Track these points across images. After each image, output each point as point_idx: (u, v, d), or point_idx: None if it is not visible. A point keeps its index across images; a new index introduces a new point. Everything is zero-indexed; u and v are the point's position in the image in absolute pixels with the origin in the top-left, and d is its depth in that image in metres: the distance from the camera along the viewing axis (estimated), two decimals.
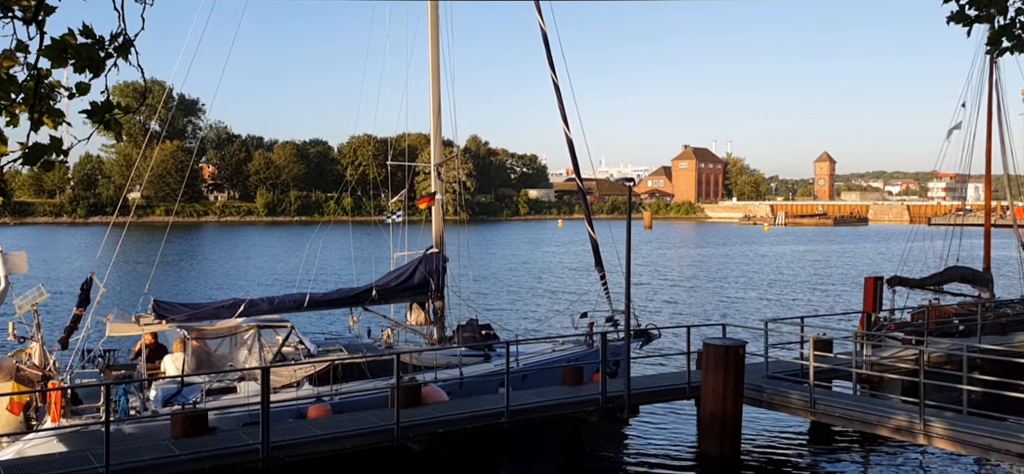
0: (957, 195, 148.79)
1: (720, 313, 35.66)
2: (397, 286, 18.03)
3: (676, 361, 19.79)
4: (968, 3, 7.19)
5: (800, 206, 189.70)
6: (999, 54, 7.65)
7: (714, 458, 15.03)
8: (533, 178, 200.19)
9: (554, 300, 40.06)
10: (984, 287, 25.34)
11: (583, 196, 21.36)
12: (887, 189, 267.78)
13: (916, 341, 19.68)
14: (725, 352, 15.03)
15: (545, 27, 18.58)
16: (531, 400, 15.19)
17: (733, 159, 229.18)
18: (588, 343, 18.26)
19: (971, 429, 13.26)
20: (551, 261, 66.04)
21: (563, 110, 19.11)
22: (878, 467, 15.22)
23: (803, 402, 15.58)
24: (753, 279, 52.39)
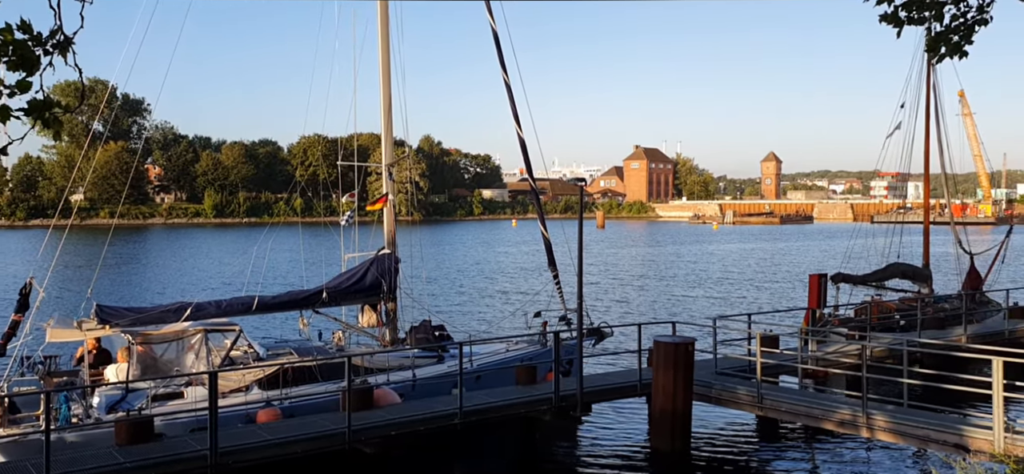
0: (898, 194, 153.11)
1: (670, 311, 36.13)
2: (348, 288, 17.87)
3: (628, 359, 19.99)
4: (900, 5, 7.42)
5: (748, 205, 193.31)
6: (938, 60, 7.92)
7: (665, 454, 15.23)
8: (487, 178, 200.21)
9: (508, 300, 40.13)
10: (923, 283, 26.12)
11: (536, 196, 21.44)
12: (831, 188, 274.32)
13: (859, 336, 20.20)
14: (675, 349, 15.25)
15: (496, 27, 18.63)
16: (484, 400, 15.20)
17: (683, 159, 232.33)
18: (541, 342, 18.34)
19: (911, 421, 13.68)
20: (505, 261, 66.14)
21: (515, 110, 19.17)
22: (823, 460, 15.58)
23: (751, 397, 15.89)
24: (702, 277, 53.20)
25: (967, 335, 22.28)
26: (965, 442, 12.75)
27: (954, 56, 7.74)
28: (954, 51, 7.66)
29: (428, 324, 18.48)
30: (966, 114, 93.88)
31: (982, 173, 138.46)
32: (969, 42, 7.57)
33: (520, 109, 19.16)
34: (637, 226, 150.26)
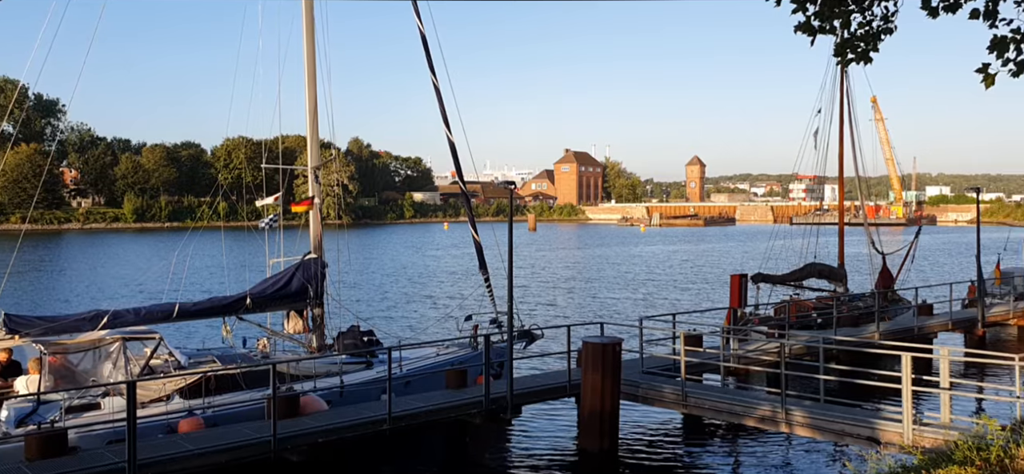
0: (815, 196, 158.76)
1: (600, 312, 36.60)
2: (273, 294, 17.53)
3: (558, 361, 20.18)
4: (814, 14, 7.70)
5: (674, 208, 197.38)
6: (845, 64, 8.26)
7: (593, 454, 15.43)
8: (418, 181, 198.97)
9: (438, 304, 39.99)
10: (839, 282, 27.15)
11: (467, 199, 21.44)
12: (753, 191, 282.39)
13: (778, 334, 20.86)
14: (603, 350, 15.48)
15: (424, 29, 18.55)
16: (414, 405, 15.13)
17: (612, 163, 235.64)
18: (472, 346, 18.33)
19: (827, 416, 14.21)
20: (436, 265, 65.87)
21: (444, 113, 19.13)
22: (745, 456, 16.04)
23: (676, 396, 16.25)
24: (630, 278, 54.08)
25: (879, 332, 23.22)
26: (877, 435, 13.31)
27: (861, 62, 8.07)
28: (861, 58, 7.98)
29: (356, 330, 18.28)
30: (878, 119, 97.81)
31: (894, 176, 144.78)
32: (875, 49, 7.89)
33: (450, 112, 19.14)
34: (568, 229, 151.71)
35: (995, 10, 7.20)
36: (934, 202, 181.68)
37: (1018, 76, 7.22)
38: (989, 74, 7.23)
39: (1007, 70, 7.24)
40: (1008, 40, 7.19)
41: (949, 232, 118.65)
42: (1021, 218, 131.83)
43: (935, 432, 12.72)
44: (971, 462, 7.28)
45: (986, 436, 8.15)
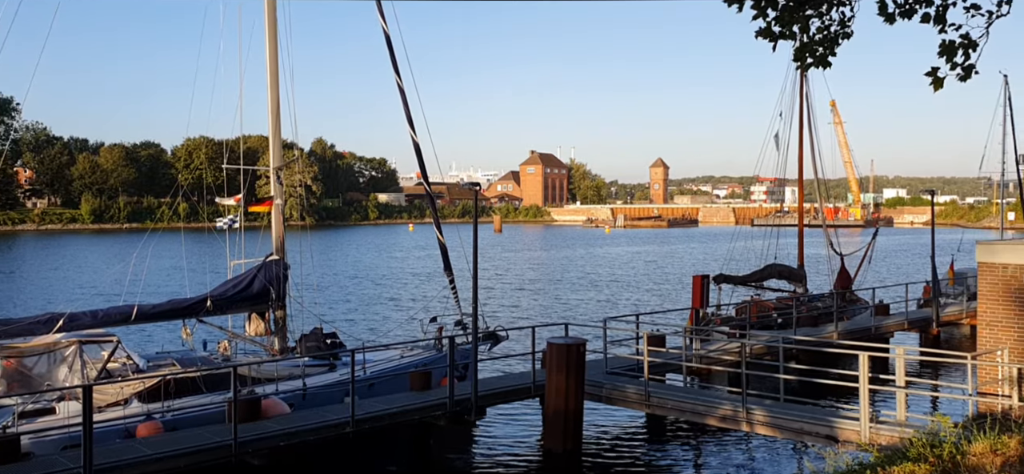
0: (776, 198, 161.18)
1: (564, 313, 36.72)
2: (234, 296, 17.31)
3: (522, 362, 20.20)
4: (774, 19, 7.82)
5: (638, 209, 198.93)
6: (804, 68, 8.41)
7: (557, 454, 15.48)
8: (383, 182, 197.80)
9: (403, 306, 39.80)
10: (799, 283, 27.59)
11: (432, 201, 21.37)
12: (715, 193, 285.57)
13: (739, 334, 21.13)
14: (567, 351, 15.54)
15: (388, 29, 18.46)
16: (377, 407, 15.03)
17: (577, 164, 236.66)
18: (437, 348, 18.29)
19: (787, 415, 14.42)
20: (400, 266, 65.55)
21: (409, 114, 19.06)
22: (707, 454, 16.22)
23: (639, 396, 16.37)
24: (595, 279, 54.35)
25: (838, 332, 23.64)
26: (835, 433, 13.54)
27: (820, 66, 8.21)
28: (820, 62, 8.12)
29: (319, 332, 18.13)
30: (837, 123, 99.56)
31: (852, 178, 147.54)
32: (833, 54, 8.04)
33: (414, 113, 19.07)
34: (533, 230, 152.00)
35: (945, 16, 7.38)
36: (891, 204, 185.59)
37: (965, 80, 7.42)
38: (938, 78, 7.42)
39: (955, 74, 7.44)
40: (957, 45, 7.38)
41: (905, 233, 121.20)
42: (974, 220, 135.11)
43: (891, 430, 12.97)
44: (925, 459, 7.45)
45: (939, 433, 8.34)
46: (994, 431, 8.21)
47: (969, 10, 7.31)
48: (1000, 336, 14.53)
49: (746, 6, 7.82)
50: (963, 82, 7.52)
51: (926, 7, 7.51)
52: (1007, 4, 7.35)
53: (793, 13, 7.73)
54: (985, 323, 14.92)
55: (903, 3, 7.63)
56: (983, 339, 14.96)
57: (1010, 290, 14.40)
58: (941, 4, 7.47)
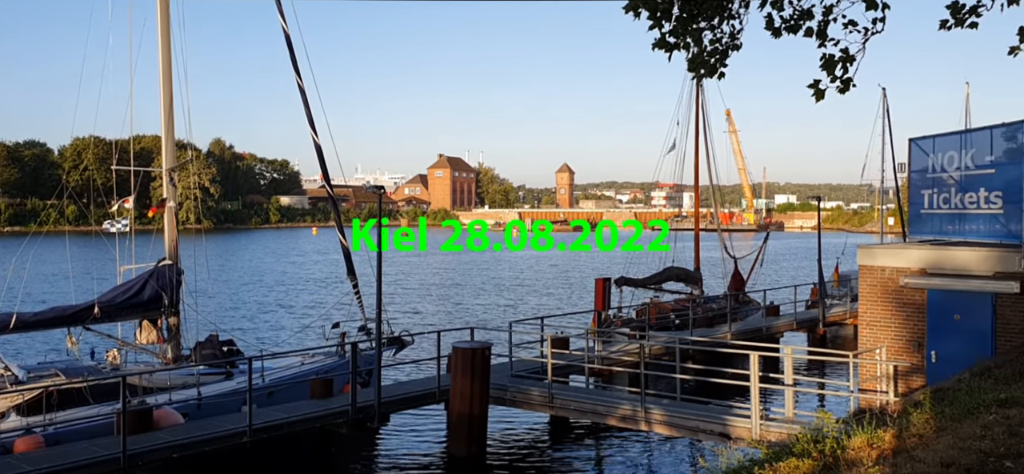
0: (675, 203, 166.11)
1: (470, 317, 36.77)
2: (124, 302, 16.56)
3: (427, 367, 20.11)
4: (668, 31, 8.08)
5: (544, 213, 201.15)
6: (698, 79, 8.73)
7: (461, 459, 15.48)
8: (285, 184, 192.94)
9: (305, 311, 38.95)
10: (695, 285, 28.53)
11: (334, 204, 21.03)
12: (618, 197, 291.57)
13: (639, 336, 21.67)
14: (472, 355, 15.57)
15: (288, 29, 18.07)
16: (276, 416, 14.67)
17: (485, 169, 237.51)
18: (339, 354, 18.01)
19: (683, 413, 14.87)
20: (303, 271, 64.13)
21: (310, 115, 18.70)
22: (609, 454, 16.56)
23: (543, 398, 16.56)
24: (501, 283, 54.65)
25: (731, 332, 24.55)
26: (728, 431, 14.06)
27: (712, 77, 8.54)
28: (711, 72, 8.44)
29: (215, 339, 17.55)
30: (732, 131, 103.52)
31: (745, 184, 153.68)
32: (724, 65, 8.38)
33: (316, 114, 18.74)
34: (441, 233, 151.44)
35: (825, 32, 7.81)
36: (782, 210, 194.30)
37: (844, 92, 7.88)
38: (820, 90, 7.85)
39: (835, 87, 7.89)
40: (836, 59, 7.83)
41: (795, 238, 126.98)
42: (858, 225, 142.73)
43: (780, 426, 13.56)
44: (808, 454, 7.81)
45: (822, 429, 8.76)
46: (871, 426, 8.68)
47: (847, 27, 7.76)
48: (879, 335, 15.43)
49: (643, 17, 8.06)
50: (843, 94, 7.98)
51: (809, 22, 7.93)
52: (881, 22, 7.83)
53: (686, 25, 8.01)
54: (865, 323, 15.81)
55: (788, 19, 8.03)
56: (864, 338, 15.85)
57: (887, 291, 15.32)
58: (822, 21, 7.90)
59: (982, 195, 14.66)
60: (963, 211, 15.06)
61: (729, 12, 8.21)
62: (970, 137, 15.23)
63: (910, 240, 16.47)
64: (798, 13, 7.94)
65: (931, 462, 6.67)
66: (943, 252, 14.87)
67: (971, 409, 8.57)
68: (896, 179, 42.13)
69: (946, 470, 6.43)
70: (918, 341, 14.99)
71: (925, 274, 14.87)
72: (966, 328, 14.32)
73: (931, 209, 15.74)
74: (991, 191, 14.52)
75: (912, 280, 14.94)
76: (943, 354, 14.55)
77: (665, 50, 8.22)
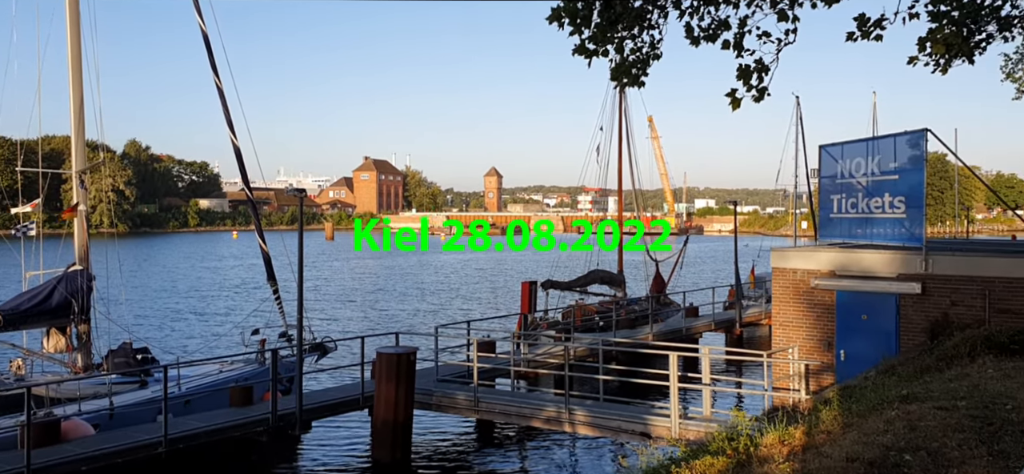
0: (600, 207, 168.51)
1: (396, 322, 36.47)
2: (30, 309, 15.85)
3: (351, 373, 19.87)
4: (589, 38, 8.22)
5: (473, 217, 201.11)
6: (620, 86, 8.91)
7: (385, 465, 15.35)
8: (204, 187, 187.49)
9: (224, 318, 37.94)
10: (619, 287, 29.02)
11: (253, 207, 20.60)
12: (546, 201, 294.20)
13: (564, 338, 21.90)
14: (397, 360, 15.45)
15: (205, 28, 17.62)
16: (193, 425, 14.26)
17: (412, 172, 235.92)
18: (259, 361, 17.64)
19: (606, 414, 15.10)
20: (222, 276, 62.42)
21: (229, 117, 18.30)
22: (534, 456, 16.68)
23: (468, 402, 16.57)
24: (429, 287, 54.39)
25: (653, 333, 25.04)
26: (649, 430, 14.35)
27: (634, 85, 8.72)
28: (634, 81, 8.62)
29: (128, 347, 16.95)
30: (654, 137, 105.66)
31: (667, 189, 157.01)
32: (645, 73, 8.57)
33: (236, 115, 18.35)
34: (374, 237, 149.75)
35: (741, 42, 8.08)
36: (701, 214, 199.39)
37: (760, 101, 8.16)
38: (736, 99, 8.12)
39: (751, 95, 8.17)
40: (752, 69, 8.11)
41: (714, 241, 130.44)
42: (773, 229, 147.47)
43: (698, 425, 13.91)
44: (723, 452, 8.05)
45: (737, 427, 9.04)
46: (783, 423, 9.01)
47: (761, 37, 8.05)
48: (791, 335, 16.01)
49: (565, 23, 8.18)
50: (758, 103, 8.26)
51: (726, 33, 8.19)
52: (793, 33, 8.16)
53: (606, 32, 8.16)
54: (779, 323, 16.38)
55: (706, 28, 8.28)
56: (777, 338, 16.42)
57: (799, 293, 15.91)
58: (737, 32, 8.18)
59: (887, 200, 15.37)
60: (870, 215, 15.75)
61: (648, 21, 8.40)
62: (876, 144, 15.95)
63: (821, 243, 17.14)
64: (716, 23, 8.19)
65: (837, 457, 6.96)
66: (851, 255, 15.54)
67: (876, 405, 8.97)
68: (809, 184, 43.78)
69: (851, 465, 6.73)
70: (828, 341, 15.61)
71: (834, 276, 15.51)
72: (872, 328, 14.99)
73: (840, 213, 16.41)
74: (895, 196, 15.24)
75: (822, 282, 15.56)
76: (851, 353, 15.20)
77: (585, 56, 8.35)
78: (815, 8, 8.21)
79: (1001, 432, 7.51)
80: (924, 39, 8.51)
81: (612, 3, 8.04)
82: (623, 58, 8.51)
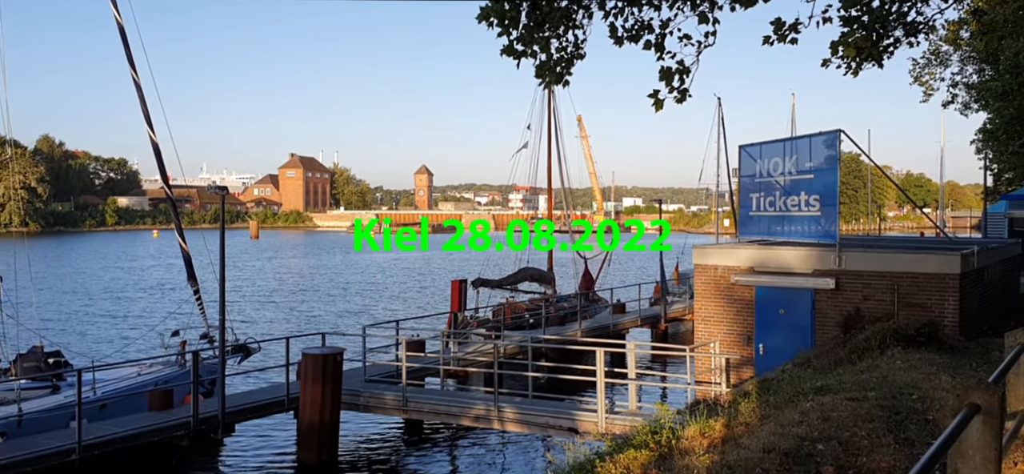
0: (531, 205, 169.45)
1: (323, 322, 35.90)
2: None
3: (276, 374, 19.49)
4: (516, 39, 8.27)
5: (403, 215, 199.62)
6: (545, 85, 8.98)
7: (312, 467, 15.13)
8: (123, 184, 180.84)
9: (142, 319, 36.68)
10: (549, 285, 29.24)
11: (173, 205, 20.01)
12: (477, 199, 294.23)
13: (494, 336, 21.96)
14: (323, 361, 15.24)
15: (121, 20, 17.00)
16: (109, 431, 13.79)
17: (340, 169, 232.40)
18: (180, 363, 17.17)
19: (534, 411, 15.22)
20: (141, 276, 60.34)
21: (146, 112, 17.72)
22: (463, 454, 16.68)
23: (396, 402, 16.45)
24: (357, 286, 53.73)
25: (581, 330, 25.33)
26: (576, 425, 14.52)
27: (558, 83, 8.81)
28: (558, 80, 8.71)
29: (39, 350, 16.25)
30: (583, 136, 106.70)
31: (596, 188, 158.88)
32: (569, 73, 8.66)
33: (154, 110, 17.78)
34: (294, 236, 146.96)
35: (663, 44, 8.25)
36: (629, 212, 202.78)
37: (681, 102, 8.34)
38: (659, 100, 8.28)
39: (673, 97, 8.34)
40: (673, 71, 8.28)
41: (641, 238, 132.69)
42: (697, 226, 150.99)
43: (624, 419, 14.15)
44: (646, 445, 8.22)
45: (660, 421, 9.23)
46: (704, 416, 9.25)
47: (682, 40, 8.23)
48: (713, 330, 16.44)
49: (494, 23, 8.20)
50: (680, 104, 8.44)
51: (649, 34, 8.34)
52: (713, 36, 8.36)
53: (533, 33, 8.22)
54: (701, 318, 16.79)
55: (630, 29, 8.41)
56: (699, 333, 16.83)
57: (720, 289, 16.34)
58: (659, 34, 8.34)
59: (803, 198, 15.92)
60: (787, 213, 16.30)
61: (574, 22, 8.50)
62: (793, 144, 16.51)
63: (741, 241, 17.64)
64: (638, 24, 8.34)
65: (754, 448, 7.19)
66: (769, 251, 16.05)
67: (792, 397, 9.29)
68: (730, 183, 44.97)
69: (767, 455, 6.95)
70: (747, 335, 16.09)
71: (753, 272, 15.99)
72: (789, 322, 15.51)
73: (759, 211, 16.93)
74: (811, 195, 15.80)
75: (741, 278, 16.02)
76: (770, 346, 15.69)
77: (513, 57, 8.39)
78: (734, 10, 8.43)
79: (907, 421, 7.89)
80: (836, 43, 8.83)
81: (539, 4, 8.11)
82: (549, 57, 8.59)
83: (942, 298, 14.16)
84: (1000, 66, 27.15)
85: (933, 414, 8.08)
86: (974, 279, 15.15)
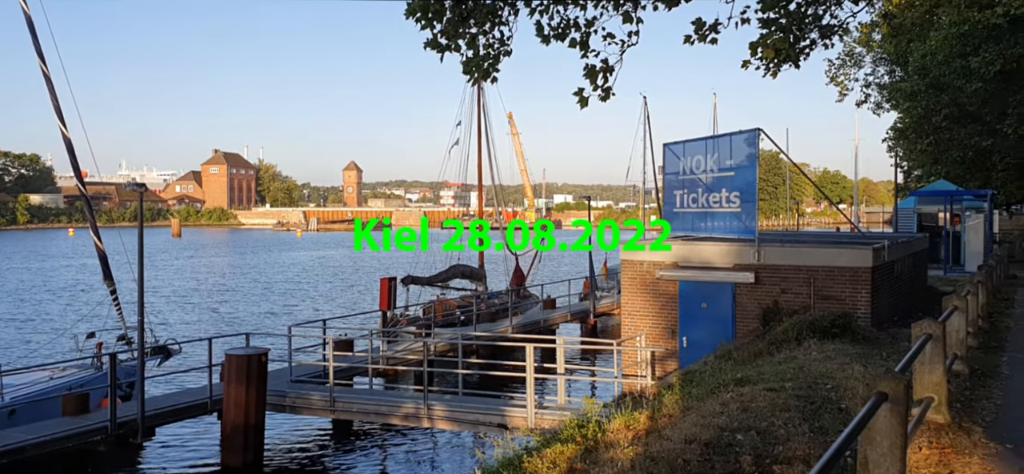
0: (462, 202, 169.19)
1: (247, 323, 35.06)
2: None
3: (198, 376, 18.96)
4: (440, 33, 8.23)
5: (331, 212, 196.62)
6: (473, 81, 8.94)
7: (236, 470, 14.78)
8: (36, 181, 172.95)
9: (54, 321, 35.16)
10: (480, 282, 29.25)
11: (87, 202, 19.28)
12: (408, 196, 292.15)
13: (425, 334, 21.85)
14: (247, 362, 14.90)
15: (29, 10, 16.23)
16: (19, 437, 13.18)
17: (266, 166, 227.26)
18: (96, 366, 16.55)
19: (464, 408, 15.22)
20: (51, 277, 57.79)
21: (57, 106, 16.99)
22: (392, 453, 16.55)
23: (324, 402, 16.21)
24: (283, 285, 52.68)
25: (512, 326, 25.43)
26: (506, 421, 14.59)
27: (485, 80, 8.81)
28: (485, 76, 8.70)
29: None
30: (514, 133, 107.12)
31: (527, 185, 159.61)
32: (496, 69, 8.66)
33: (66, 105, 17.06)
34: (218, 234, 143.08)
35: (587, 42, 8.33)
36: (560, 209, 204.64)
37: (606, 100, 8.44)
38: (584, 98, 8.36)
39: (597, 95, 8.44)
40: (598, 69, 8.37)
41: (571, 234, 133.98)
42: (625, 223, 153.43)
43: (553, 414, 14.27)
44: (573, 439, 8.32)
45: (587, 415, 9.35)
46: (629, 409, 9.41)
47: (606, 38, 8.33)
48: (639, 324, 16.73)
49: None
50: (604, 101, 8.54)
51: (574, 32, 8.42)
52: (636, 36, 8.49)
53: (457, 28, 8.19)
54: (627, 313, 17.07)
55: (556, 27, 8.47)
56: (626, 327, 17.11)
57: (645, 284, 16.64)
58: (584, 32, 8.42)
59: (725, 195, 16.35)
60: (709, 210, 16.71)
61: (499, 18, 8.51)
62: (715, 142, 16.93)
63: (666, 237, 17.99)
64: (564, 23, 8.40)
65: (677, 439, 7.35)
66: (692, 247, 16.42)
67: (713, 389, 9.53)
68: (656, 180, 45.84)
69: (689, 446, 7.12)
70: (672, 328, 16.44)
71: (677, 267, 16.34)
72: (712, 315, 15.91)
73: (683, 208, 17.30)
74: (732, 191, 16.23)
75: (666, 273, 16.35)
76: (693, 339, 16.07)
77: (437, 50, 8.36)
78: (656, 10, 8.56)
79: (821, 410, 8.18)
80: (755, 44, 9.07)
81: None
82: (475, 53, 8.58)
83: (855, 291, 14.74)
84: (909, 68, 28.44)
85: (846, 403, 8.41)
86: (885, 272, 15.82)
